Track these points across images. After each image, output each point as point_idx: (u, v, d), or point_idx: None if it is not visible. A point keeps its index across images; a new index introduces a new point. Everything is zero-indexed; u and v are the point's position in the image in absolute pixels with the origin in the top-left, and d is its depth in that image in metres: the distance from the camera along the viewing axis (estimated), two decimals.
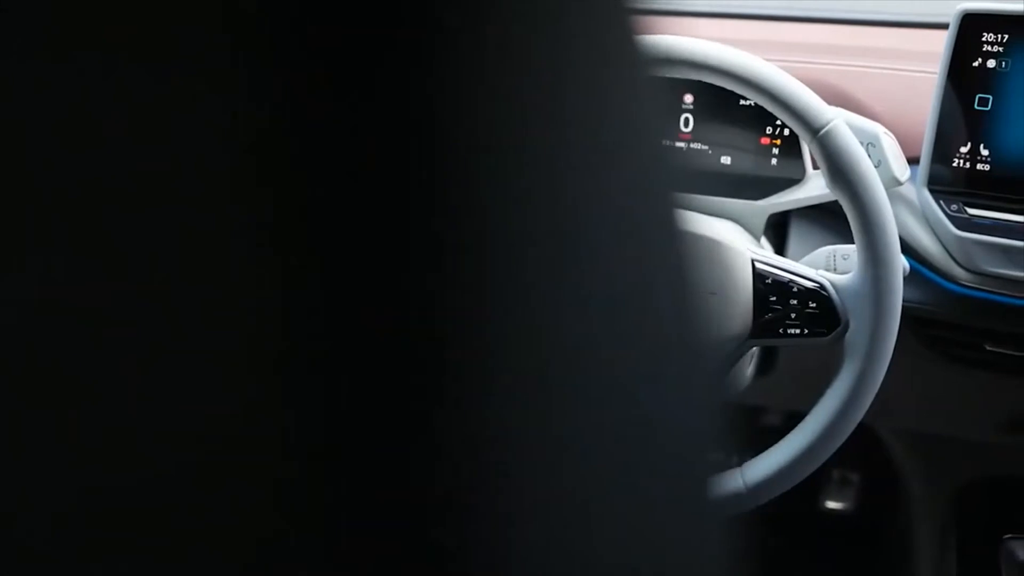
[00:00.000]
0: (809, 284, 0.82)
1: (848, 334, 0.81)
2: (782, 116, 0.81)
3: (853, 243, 0.87)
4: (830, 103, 0.97)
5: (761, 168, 1.04)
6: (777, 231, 1.17)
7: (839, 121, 0.80)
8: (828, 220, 1.07)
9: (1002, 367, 1.06)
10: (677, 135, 1.06)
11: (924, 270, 1.05)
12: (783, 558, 1.69)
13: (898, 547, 1.41)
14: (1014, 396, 1.12)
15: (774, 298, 0.83)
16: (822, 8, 1.32)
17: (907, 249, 1.05)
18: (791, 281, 0.83)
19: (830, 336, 0.82)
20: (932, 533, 1.29)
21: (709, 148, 1.05)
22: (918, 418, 1.25)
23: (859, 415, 0.82)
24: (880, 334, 0.80)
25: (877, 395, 1.25)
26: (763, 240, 1.09)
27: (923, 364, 1.11)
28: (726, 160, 1.05)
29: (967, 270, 1.00)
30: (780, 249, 1.14)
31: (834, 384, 0.83)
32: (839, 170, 0.80)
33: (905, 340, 1.10)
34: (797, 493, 1.70)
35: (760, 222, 1.04)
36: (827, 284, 0.82)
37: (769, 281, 0.83)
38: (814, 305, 0.82)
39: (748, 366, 1.05)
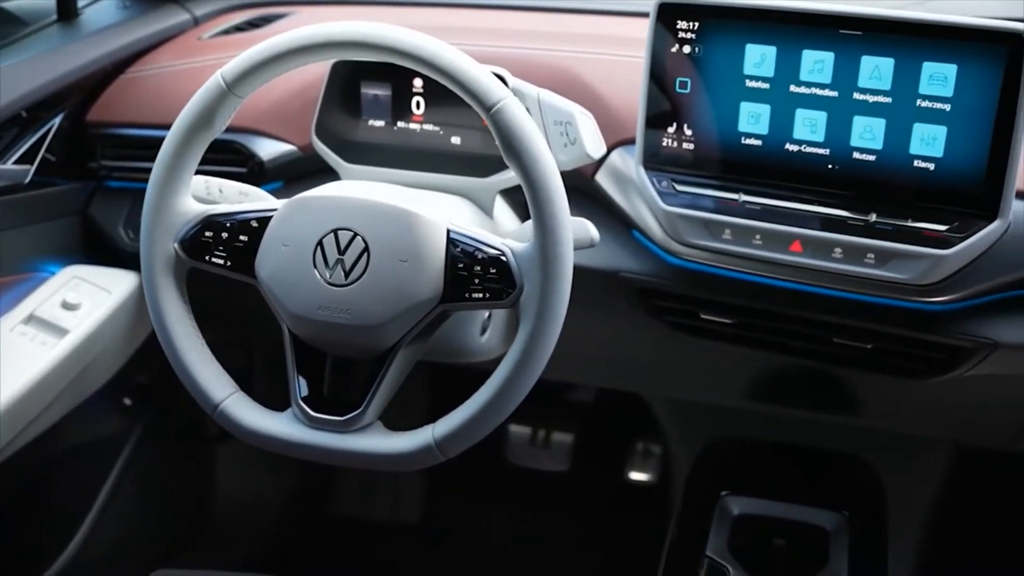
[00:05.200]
0: (492, 252, 0.87)
1: (522, 298, 0.86)
2: (460, 94, 0.86)
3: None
4: (559, 88, 1.03)
5: (488, 147, 1.09)
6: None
7: (510, 100, 0.85)
8: (576, 199, 1.13)
9: (718, 335, 1.14)
10: (410, 118, 1.11)
11: (647, 243, 1.12)
12: (591, 522, 1.76)
13: (663, 507, 1.49)
14: (731, 362, 1.20)
15: (462, 265, 0.87)
16: None
17: (633, 224, 1.12)
18: (477, 249, 0.87)
19: (507, 300, 0.86)
20: (677, 492, 1.37)
21: (440, 129, 1.11)
22: (667, 385, 1.32)
23: (534, 373, 0.87)
24: (548, 298, 0.85)
25: (631, 365, 1.32)
26: (504, 214, 1.15)
27: (652, 334, 1.18)
28: (456, 140, 1.10)
29: (679, 242, 1.07)
30: None
31: (512, 345, 0.87)
32: (510, 145, 0.85)
33: (633, 310, 1.18)
34: (605, 465, 1.78)
35: (489, 197, 1.09)
36: (507, 251, 0.87)
37: (459, 250, 0.88)
38: (495, 271, 0.87)
39: (482, 336, 1.10)
